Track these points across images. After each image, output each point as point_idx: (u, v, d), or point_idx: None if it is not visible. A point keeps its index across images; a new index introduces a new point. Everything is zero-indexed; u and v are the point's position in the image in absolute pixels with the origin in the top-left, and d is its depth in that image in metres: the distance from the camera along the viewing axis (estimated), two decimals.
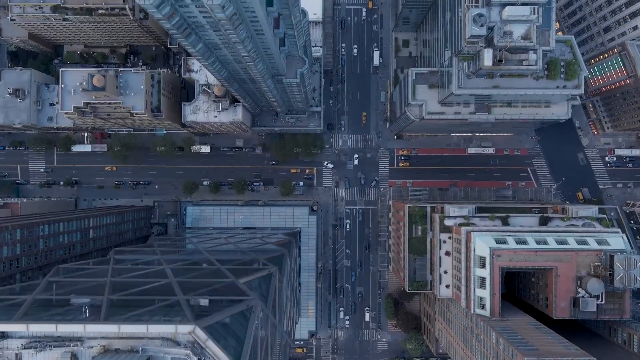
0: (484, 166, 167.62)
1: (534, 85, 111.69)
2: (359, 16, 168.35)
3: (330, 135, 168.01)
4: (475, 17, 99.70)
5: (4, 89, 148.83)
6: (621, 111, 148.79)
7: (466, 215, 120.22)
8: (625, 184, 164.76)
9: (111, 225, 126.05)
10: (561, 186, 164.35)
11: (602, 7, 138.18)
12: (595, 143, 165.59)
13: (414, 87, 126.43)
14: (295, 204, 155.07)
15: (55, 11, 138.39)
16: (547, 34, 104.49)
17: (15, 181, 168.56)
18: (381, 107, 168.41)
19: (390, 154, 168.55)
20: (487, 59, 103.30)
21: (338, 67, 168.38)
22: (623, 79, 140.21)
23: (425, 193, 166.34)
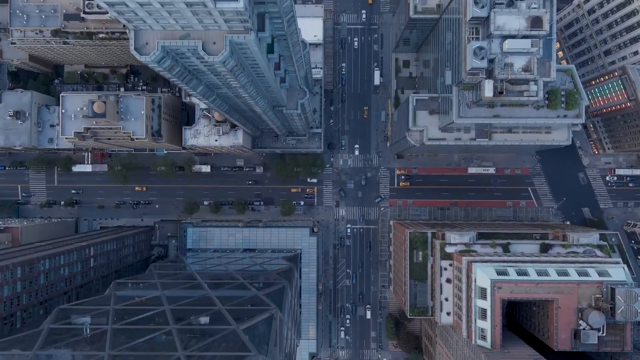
0: (485, 186, 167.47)
1: (535, 115, 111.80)
2: (359, 36, 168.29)
3: (330, 155, 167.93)
4: (475, 50, 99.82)
5: (4, 111, 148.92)
6: (622, 133, 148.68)
7: (467, 242, 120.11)
8: (626, 204, 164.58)
9: (112, 252, 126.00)
10: (562, 206, 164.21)
11: (603, 30, 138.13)
12: (596, 162, 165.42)
13: (414, 113, 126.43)
14: (295, 225, 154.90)
15: (55, 35, 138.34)
16: (547, 65, 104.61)
17: (16, 201, 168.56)
18: (382, 126, 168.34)
19: (390, 173, 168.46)
20: (487, 90, 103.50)
21: (338, 87, 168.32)
22: (624, 102, 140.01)
23: (426, 212, 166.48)
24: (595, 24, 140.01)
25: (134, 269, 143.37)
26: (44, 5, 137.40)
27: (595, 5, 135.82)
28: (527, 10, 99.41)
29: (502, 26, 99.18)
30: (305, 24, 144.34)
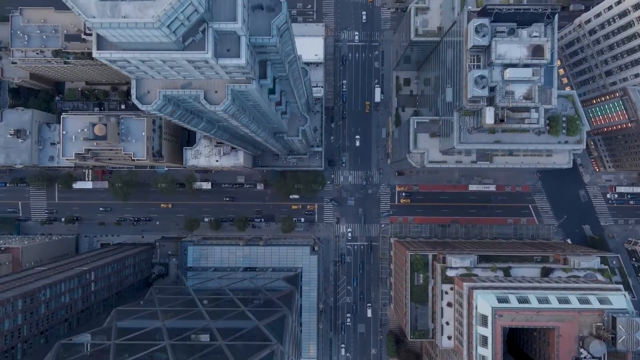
0: (486, 203, 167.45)
1: (536, 140, 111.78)
2: (360, 53, 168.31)
3: (331, 172, 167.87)
4: (477, 78, 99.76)
5: (5, 129, 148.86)
6: (622, 152, 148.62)
7: (468, 266, 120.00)
8: (627, 221, 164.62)
9: (112, 274, 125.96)
10: (563, 223, 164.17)
11: (604, 51, 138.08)
12: (597, 180, 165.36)
13: (415, 135, 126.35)
14: (296, 243, 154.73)
15: (56, 55, 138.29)
16: (549, 92, 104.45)
17: (17, 218, 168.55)
18: (382, 143, 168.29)
19: (391, 190, 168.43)
20: (488, 117, 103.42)
21: (339, 104, 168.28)
22: (624, 122, 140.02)
23: (427, 230, 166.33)
24: (596, 45, 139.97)
25: (134, 289, 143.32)
26: (44, 25, 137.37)
27: (596, 27, 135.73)
28: (529, 39, 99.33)
29: (503, 55, 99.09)
30: (306, 43, 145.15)
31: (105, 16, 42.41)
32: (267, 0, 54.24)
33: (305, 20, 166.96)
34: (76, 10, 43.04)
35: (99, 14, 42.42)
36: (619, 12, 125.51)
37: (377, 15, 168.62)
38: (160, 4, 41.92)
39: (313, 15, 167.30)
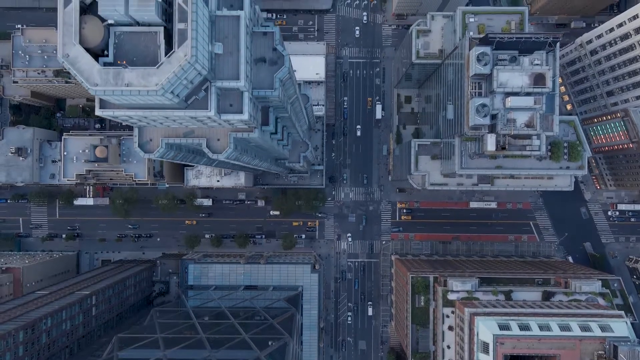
0: (487, 220, 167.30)
1: (538, 166, 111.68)
2: (361, 70, 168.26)
3: (332, 188, 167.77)
4: (478, 107, 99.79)
5: (6, 147, 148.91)
6: (624, 172, 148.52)
7: (469, 289, 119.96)
8: (628, 239, 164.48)
9: (113, 296, 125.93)
10: (564, 241, 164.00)
11: (605, 72, 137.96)
12: (598, 197, 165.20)
13: (416, 158, 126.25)
14: (296, 261, 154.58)
15: (57, 75, 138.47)
16: (550, 119, 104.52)
17: (17, 234, 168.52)
18: (383, 160, 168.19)
19: (392, 206, 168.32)
20: (490, 144, 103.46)
21: (340, 121, 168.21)
22: (626, 143, 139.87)
23: (428, 246, 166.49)
24: (597, 65, 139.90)
25: (135, 308, 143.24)
26: (46, 45, 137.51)
27: (598, 47, 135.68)
28: (530, 67, 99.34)
29: (504, 83, 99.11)
30: (308, 62, 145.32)
31: (108, 84, 42.39)
32: (270, 53, 54.23)
33: (307, 37, 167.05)
34: (79, 77, 43.03)
35: (102, 82, 42.40)
36: (620, 34, 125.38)
37: (378, 32, 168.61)
38: (163, 72, 41.88)
39: (314, 32, 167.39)
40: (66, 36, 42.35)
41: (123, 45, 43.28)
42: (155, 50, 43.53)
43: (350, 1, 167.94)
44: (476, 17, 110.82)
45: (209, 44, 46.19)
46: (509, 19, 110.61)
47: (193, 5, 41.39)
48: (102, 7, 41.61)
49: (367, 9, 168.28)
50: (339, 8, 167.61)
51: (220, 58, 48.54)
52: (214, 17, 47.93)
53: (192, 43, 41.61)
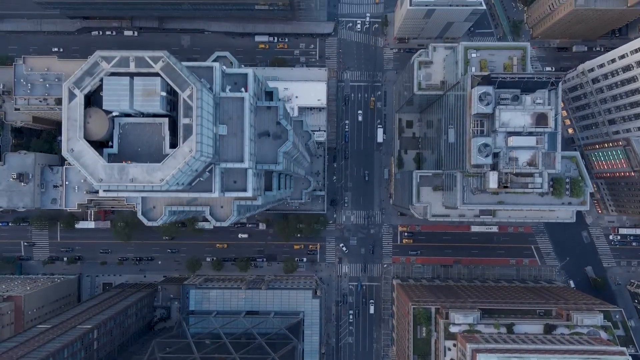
0: (488, 243, 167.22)
1: (539, 202, 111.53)
2: (363, 93, 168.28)
3: (333, 212, 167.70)
4: (480, 147, 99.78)
5: (7, 172, 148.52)
6: (625, 199, 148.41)
7: (471, 322, 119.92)
8: (630, 263, 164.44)
9: (115, 328, 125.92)
10: (565, 265, 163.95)
11: (607, 100, 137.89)
12: (600, 221, 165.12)
13: (418, 189, 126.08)
14: (297, 287, 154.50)
15: (59, 103, 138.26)
16: (552, 155, 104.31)
17: (19, 257, 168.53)
18: (385, 183, 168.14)
19: (393, 230, 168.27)
20: (492, 181, 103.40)
21: (342, 144, 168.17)
22: (627, 171, 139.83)
23: (429, 270, 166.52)
24: (599, 93, 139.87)
25: (137, 335, 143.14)
26: (47, 73, 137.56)
27: (599, 76, 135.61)
28: (532, 107, 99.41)
29: (507, 123, 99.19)
30: (309, 88, 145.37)
31: (113, 179, 42.43)
32: (273, 127, 54.24)
33: (308, 61, 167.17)
34: (83, 171, 43.06)
35: (107, 177, 42.45)
36: (622, 65, 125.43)
37: (379, 55, 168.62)
38: (168, 168, 41.91)
39: (316, 56, 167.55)
40: (71, 131, 42.35)
41: (127, 136, 43.32)
42: (160, 141, 43.61)
43: (352, 25, 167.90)
44: (478, 52, 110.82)
45: (213, 128, 46.24)
46: (511, 55, 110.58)
47: (198, 100, 41.43)
48: (106, 102, 41.62)
49: (368, 33, 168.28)
50: (340, 32, 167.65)
51: (224, 139, 48.56)
52: (218, 99, 47.94)
53: (197, 138, 41.64)
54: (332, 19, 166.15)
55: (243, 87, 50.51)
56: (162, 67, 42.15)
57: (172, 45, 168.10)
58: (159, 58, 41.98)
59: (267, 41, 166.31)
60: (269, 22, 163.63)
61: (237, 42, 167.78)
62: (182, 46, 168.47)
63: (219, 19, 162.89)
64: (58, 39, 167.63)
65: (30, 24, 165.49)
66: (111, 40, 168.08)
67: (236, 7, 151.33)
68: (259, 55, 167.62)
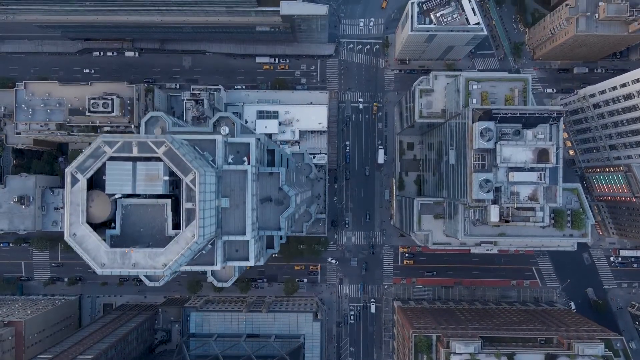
0: (489, 264, 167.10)
1: (540, 234, 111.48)
2: (363, 114, 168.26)
3: (334, 232, 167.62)
4: (481, 182, 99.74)
5: (9, 195, 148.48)
6: (626, 223, 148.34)
7: (472, 352, 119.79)
8: (631, 284, 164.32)
9: (115, 356, 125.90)
10: (566, 287, 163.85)
11: (609, 126, 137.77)
12: (600, 243, 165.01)
13: (419, 217, 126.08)
14: (298, 309, 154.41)
15: (60, 128, 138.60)
16: (554, 189, 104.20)
17: (20, 277, 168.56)
18: (385, 204, 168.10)
19: (394, 251, 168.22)
20: (493, 215, 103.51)
21: (342, 165, 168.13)
22: (628, 196, 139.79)
23: (430, 292, 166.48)
24: (600, 119, 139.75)
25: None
26: (49, 99, 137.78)
27: (601, 102, 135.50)
28: (534, 142, 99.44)
29: (508, 158, 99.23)
30: (310, 112, 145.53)
31: (115, 264, 42.52)
32: (275, 193, 54.28)
33: (309, 82, 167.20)
34: (85, 257, 43.09)
35: (109, 263, 42.53)
36: (623, 93, 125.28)
37: (380, 76, 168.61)
38: (171, 253, 41.96)
39: (317, 77, 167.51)
40: (73, 215, 42.43)
41: (130, 216, 43.40)
42: (162, 222, 43.70)
43: (353, 46, 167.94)
44: (479, 84, 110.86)
45: (216, 201, 46.31)
46: (512, 86, 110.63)
47: (201, 185, 41.51)
48: (109, 186, 41.69)
49: (369, 54, 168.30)
50: (341, 53, 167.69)
51: (226, 211, 48.64)
52: (220, 172, 48.01)
53: (199, 223, 41.74)
54: (333, 40, 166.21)
55: (245, 156, 50.57)
56: (164, 151, 42.18)
57: (173, 66, 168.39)
58: (161, 143, 41.97)
59: (270, 62, 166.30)
60: (270, 43, 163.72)
61: (238, 63, 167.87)
62: (183, 67, 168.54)
63: (220, 40, 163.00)
64: (59, 60, 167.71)
65: (31, 45, 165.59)
66: (112, 60, 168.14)
67: (237, 30, 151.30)
68: (260, 76, 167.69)
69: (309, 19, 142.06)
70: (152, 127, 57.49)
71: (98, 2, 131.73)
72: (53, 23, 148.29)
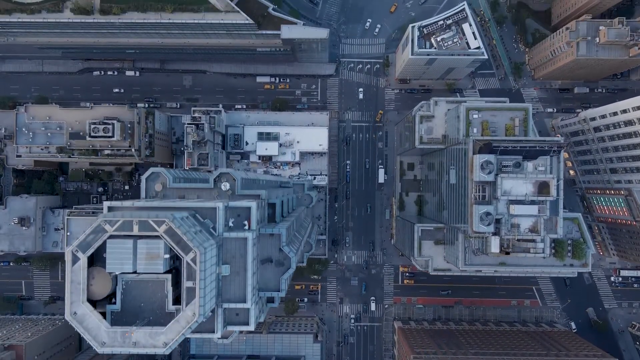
0: (489, 284, 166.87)
1: (541, 263, 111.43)
2: (364, 134, 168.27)
3: (334, 252, 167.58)
4: (482, 215, 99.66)
5: (9, 216, 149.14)
6: (627, 245, 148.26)
7: None
8: (631, 304, 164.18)
9: None
10: (567, 306, 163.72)
11: (609, 149, 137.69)
12: (601, 263, 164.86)
13: (419, 243, 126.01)
14: (298, 331, 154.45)
15: (61, 152, 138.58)
16: (554, 220, 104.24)
17: (20, 296, 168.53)
18: (386, 224, 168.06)
19: (394, 270, 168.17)
20: (494, 246, 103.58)
21: (343, 184, 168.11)
22: (629, 219, 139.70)
23: (431, 311, 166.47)
24: (601, 142, 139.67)
25: None
26: (49, 122, 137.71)
27: (601, 126, 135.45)
28: (535, 174, 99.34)
29: (508, 191, 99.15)
30: (311, 133, 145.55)
31: (115, 343, 42.47)
32: (276, 254, 54.26)
33: (309, 101, 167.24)
34: (86, 336, 43.09)
35: (109, 341, 42.50)
36: (624, 119, 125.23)
37: (380, 96, 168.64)
38: (171, 332, 41.95)
39: (317, 96, 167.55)
40: (74, 294, 42.45)
41: (130, 292, 43.43)
42: (163, 297, 43.73)
43: (353, 65, 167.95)
44: (480, 113, 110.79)
45: (216, 269, 46.32)
46: (512, 116, 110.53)
47: (201, 264, 41.55)
48: (110, 265, 41.69)
49: (370, 73, 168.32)
50: (341, 72, 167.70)
51: (227, 279, 48.64)
52: (221, 240, 48.03)
53: (200, 302, 41.75)
54: (334, 60, 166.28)
55: (246, 220, 50.61)
56: (165, 230, 42.23)
57: (174, 85, 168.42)
58: (162, 222, 42.02)
59: (270, 81, 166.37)
60: (270, 63, 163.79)
61: (238, 82, 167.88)
62: (183, 86, 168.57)
63: (220, 60, 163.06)
64: (60, 79, 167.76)
65: (32, 64, 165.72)
66: (113, 80, 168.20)
67: (238, 51, 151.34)
68: (261, 96, 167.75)
69: (309, 41, 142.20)
70: (153, 182, 57.67)
71: (99, 27, 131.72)
72: (54, 45, 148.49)
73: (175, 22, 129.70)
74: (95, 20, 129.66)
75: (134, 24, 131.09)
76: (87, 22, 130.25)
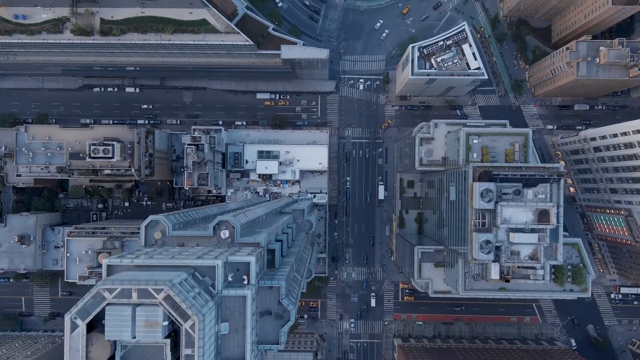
0: (489, 301, 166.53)
1: (541, 289, 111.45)
2: (364, 150, 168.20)
3: (334, 268, 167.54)
4: (482, 243, 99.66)
5: (9, 234, 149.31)
6: (627, 264, 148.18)
7: None
8: (631, 321, 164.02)
9: None
10: (567, 324, 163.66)
11: (609, 169, 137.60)
12: (601, 280, 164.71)
13: (419, 265, 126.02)
14: (298, 349, 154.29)
15: (61, 172, 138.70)
16: (554, 246, 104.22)
17: (20, 313, 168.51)
18: (386, 240, 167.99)
19: (395, 287, 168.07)
20: (494, 273, 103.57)
21: (343, 200, 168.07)
22: (629, 239, 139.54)
23: (431, 328, 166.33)
24: (601, 162, 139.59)
25: None
26: (49, 142, 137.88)
27: (601, 147, 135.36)
28: (534, 202, 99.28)
29: (508, 219, 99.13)
30: (311, 152, 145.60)
31: None
32: (275, 307, 54.27)
33: (309, 118, 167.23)
34: None
35: None
36: (624, 142, 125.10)
37: (380, 112, 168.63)
38: None
39: (317, 113, 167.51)
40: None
41: (129, 356, 43.40)
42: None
43: (354, 82, 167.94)
44: (480, 138, 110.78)
45: (215, 327, 46.30)
46: (512, 141, 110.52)
47: (200, 332, 41.55)
48: (108, 332, 41.67)
49: (370, 90, 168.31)
50: (342, 89, 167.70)
51: (225, 337, 48.60)
52: (220, 299, 48.02)
53: None
54: (334, 77, 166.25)
55: (245, 275, 50.63)
56: (164, 297, 42.26)
57: (174, 102, 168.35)
58: (160, 289, 42.07)
59: (270, 98, 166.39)
60: (270, 80, 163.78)
61: (238, 98, 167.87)
62: (184, 102, 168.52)
63: (220, 77, 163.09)
64: (60, 96, 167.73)
65: (32, 81, 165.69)
66: (113, 96, 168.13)
67: (238, 69, 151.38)
68: (261, 112, 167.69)
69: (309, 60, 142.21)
70: (152, 230, 57.68)
71: (99, 47, 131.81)
72: (54, 64, 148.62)
73: (175, 43, 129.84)
74: (95, 41, 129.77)
75: (134, 44, 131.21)
76: (87, 43, 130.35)
